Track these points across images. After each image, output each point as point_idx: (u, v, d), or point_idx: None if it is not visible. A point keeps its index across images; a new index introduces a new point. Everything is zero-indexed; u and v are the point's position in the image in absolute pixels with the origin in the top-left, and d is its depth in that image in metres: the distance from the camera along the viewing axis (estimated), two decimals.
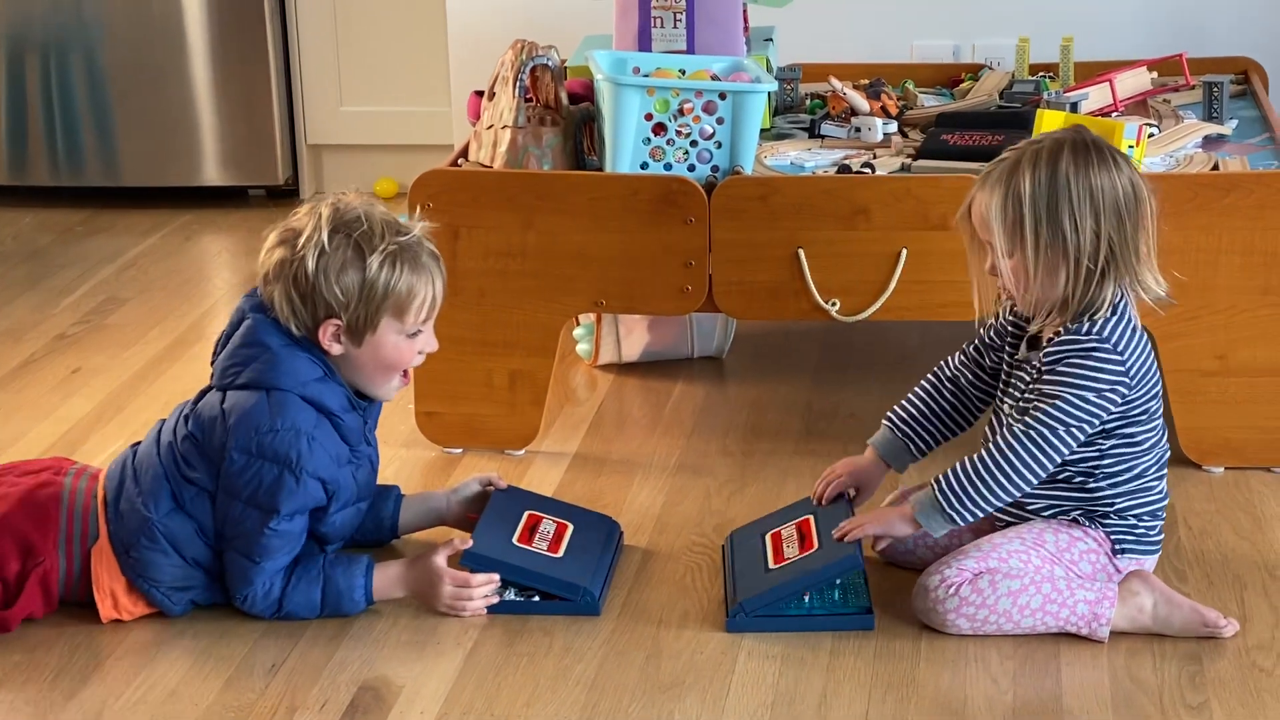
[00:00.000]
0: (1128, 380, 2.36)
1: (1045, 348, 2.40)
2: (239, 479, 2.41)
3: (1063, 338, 2.38)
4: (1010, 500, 2.39)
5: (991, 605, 2.35)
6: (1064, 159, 2.35)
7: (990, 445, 2.39)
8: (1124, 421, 2.39)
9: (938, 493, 2.39)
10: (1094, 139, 2.39)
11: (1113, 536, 2.43)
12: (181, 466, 2.44)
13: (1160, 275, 2.41)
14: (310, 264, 2.41)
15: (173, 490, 2.44)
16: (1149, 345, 2.43)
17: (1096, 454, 2.40)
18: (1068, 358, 2.36)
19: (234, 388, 2.44)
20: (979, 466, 2.37)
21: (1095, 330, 2.36)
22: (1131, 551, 2.43)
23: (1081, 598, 2.36)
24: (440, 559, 2.49)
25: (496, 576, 2.49)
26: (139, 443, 2.54)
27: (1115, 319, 2.38)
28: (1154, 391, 2.42)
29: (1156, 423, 2.43)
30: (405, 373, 2.53)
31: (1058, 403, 2.35)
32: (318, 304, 2.42)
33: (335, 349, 2.45)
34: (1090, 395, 2.35)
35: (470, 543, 2.50)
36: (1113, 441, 2.40)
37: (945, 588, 2.37)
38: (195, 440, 2.44)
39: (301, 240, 2.43)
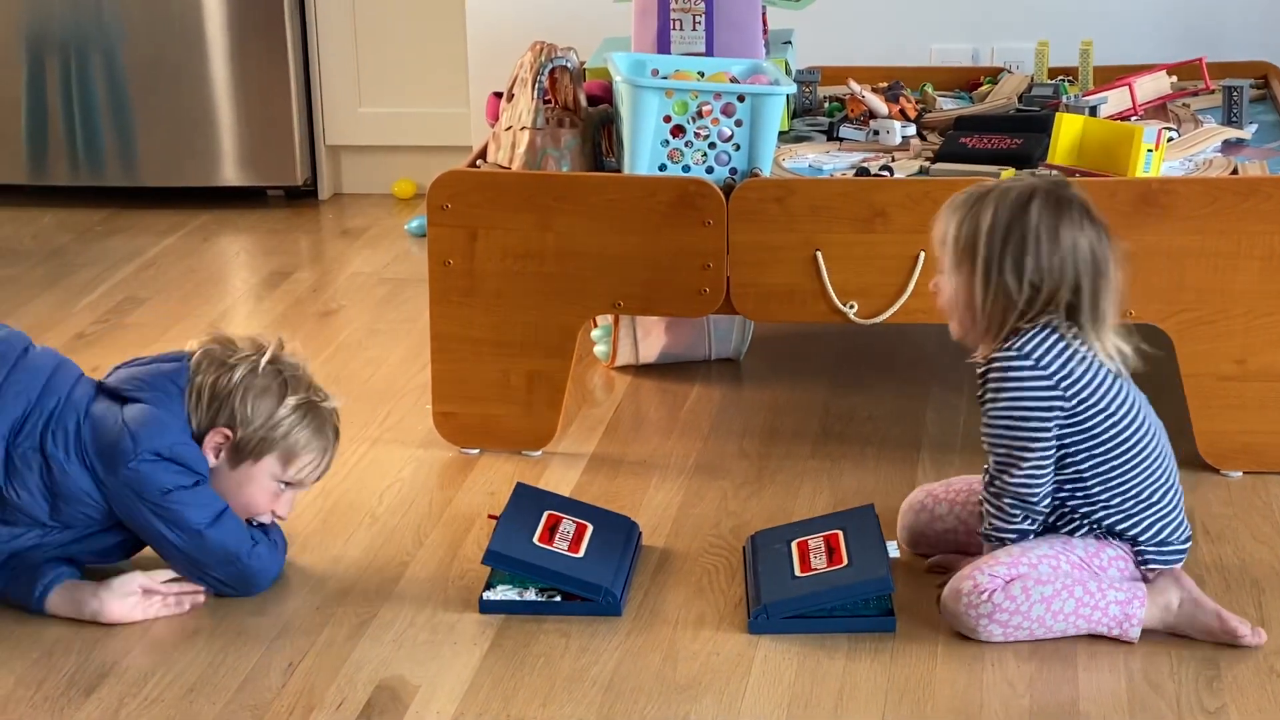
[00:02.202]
0: (1061, 394, 2.34)
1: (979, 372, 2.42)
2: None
3: (988, 359, 2.39)
4: (1028, 526, 2.41)
5: (1025, 611, 2.34)
6: (1034, 204, 2.34)
7: (986, 508, 2.45)
8: (1088, 444, 2.37)
9: (982, 535, 2.46)
10: (1071, 195, 2.37)
11: (1135, 549, 2.42)
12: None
13: (1124, 345, 2.37)
14: (238, 374, 2.51)
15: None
16: (1096, 367, 2.36)
17: (1076, 476, 2.39)
18: (990, 381, 2.38)
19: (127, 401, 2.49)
20: (985, 508, 2.43)
21: (1015, 346, 2.35)
22: (1154, 562, 2.42)
23: (1113, 599, 2.36)
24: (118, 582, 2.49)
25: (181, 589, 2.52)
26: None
27: (1038, 334, 2.35)
28: (1117, 411, 2.37)
29: (1135, 442, 2.38)
30: (254, 523, 2.55)
31: (992, 433, 2.38)
32: (221, 411, 2.49)
33: (210, 460, 2.50)
34: (1017, 415, 2.35)
35: None
36: (1087, 466, 2.38)
37: (978, 593, 2.35)
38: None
39: (239, 354, 2.53)
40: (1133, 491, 2.40)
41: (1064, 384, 2.35)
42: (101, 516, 2.47)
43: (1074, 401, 2.35)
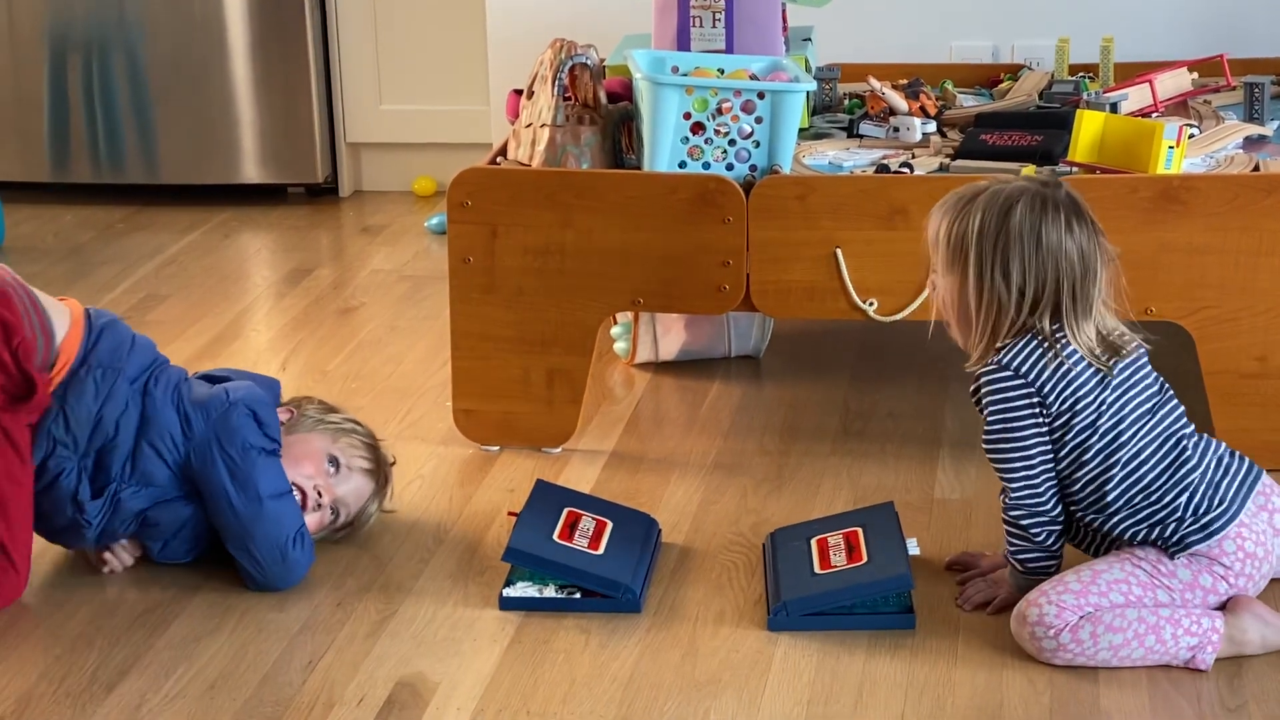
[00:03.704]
0: (1041, 400, 2.34)
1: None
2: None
3: (977, 377, 2.40)
4: (1048, 544, 2.40)
5: (1090, 655, 2.31)
6: (1019, 207, 2.34)
7: (1004, 520, 2.43)
8: (1073, 454, 2.35)
9: (1013, 567, 2.44)
10: (1058, 196, 2.35)
11: (1175, 536, 2.34)
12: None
13: (1097, 349, 2.34)
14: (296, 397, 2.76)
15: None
16: (1078, 376, 2.34)
17: (1070, 483, 2.37)
18: (981, 396, 2.39)
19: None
20: (1017, 541, 2.42)
21: (999, 360, 2.36)
22: (1193, 540, 2.34)
23: (1186, 644, 2.30)
24: None
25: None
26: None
27: (1022, 346, 2.35)
28: (1103, 414, 2.34)
29: (1120, 446, 2.35)
30: (298, 492, 2.61)
31: (989, 448, 2.38)
32: (288, 402, 2.73)
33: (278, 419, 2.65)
34: (1005, 433, 2.36)
35: None
36: (1091, 467, 2.36)
37: (1044, 628, 2.30)
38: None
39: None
40: (1144, 481, 2.36)
41: (1047, 391, 2.34)
42: (175, 470, 2.55)
43: (1056, 407, 2.34)
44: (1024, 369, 2.35)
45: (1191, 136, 3.06)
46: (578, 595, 2.51)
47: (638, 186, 2.88)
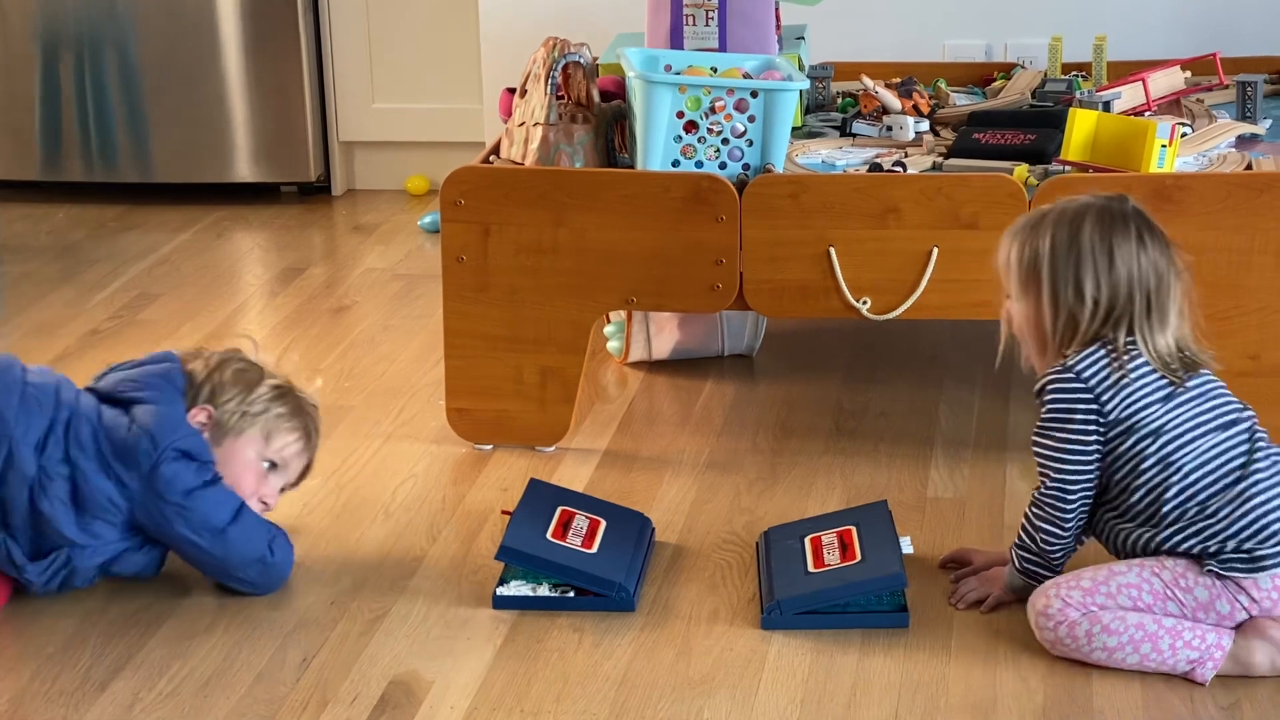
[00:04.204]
0: (1099, 409, 2.33)
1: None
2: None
3: (1040, 376, 2.40)
4: (1051, 554, 2.40)
5: (1086, 654, 2.31)
6: (1088, 222, 2.35)
7: (1026, 513, 2.43)
8: (1128, 464, 2.34)
9: (1014, 564, 2.44)
10: (1126, 209, 2.37)
11: (1219, 557, 2.32)
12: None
13: (1172, 363, 2.34)
14: (211, 363, 2.59)
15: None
16: (1143, 388, 2.33)
17: (1151, 488, 2.35)
18: (1042, 395, 2.38)
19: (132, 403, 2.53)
20: (1024, 537, 2.42)
21: (1064, 363, 2.36)
22: (1235, 567, 2.30)
23: (1185, 657, 2.29)
24: None
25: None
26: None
27: (1090, 353, 2.35)
28: (1166, 424, 2.33)
29: (1204, 451, 2.33)
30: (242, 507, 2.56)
31: (1038, 455, 2.38)
32: (201, 391, 2.56)
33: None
34: (1061, 438, 2.35)
35: None
36: (1149, 476, 2.34)
37: (1047, 619, 2.32)
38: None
39: (211, 352, 2.63)
40: (1193, 486, 2.33)
41: (1106, 398, 2.33)
42: (123, 526, 2.48)
43: (1114, 415, 2.33)
44: (1087, 374, 2.34)
45: (1184, 135, 3.06)
46: (571, 594, 2.51)
47: (631, 185, 2.88)
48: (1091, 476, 2.37)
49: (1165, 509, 2.33)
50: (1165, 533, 2.33)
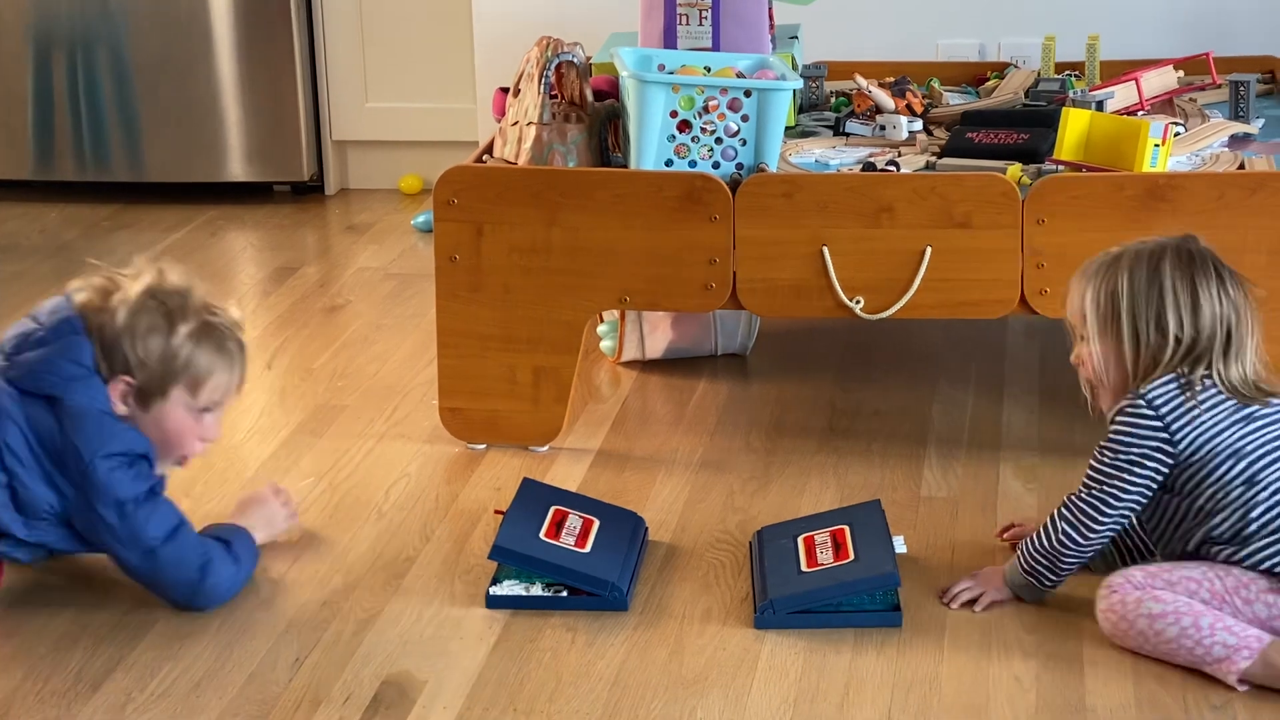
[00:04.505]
0: (1168, 439, 2.33)
1: None
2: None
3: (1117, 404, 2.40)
4: (1073, 562, 2.40)
5: (1131, 621, 2.31)
6: (1167, 262, 2.37)
7: (1053, 512, 2.42)
8: (1220, 482, 2.34)
9: (1020, 559, 2.44)
10: (1201, 249, 2.39)
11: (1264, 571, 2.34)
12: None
13: (1247, 392, 2.36)
14: (119, 319, 2.44)
15: None
16: (1223, 407, 2.34)
17: (1238, 505, 2.34)
18: (1112, 421, 2.38)
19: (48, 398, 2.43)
20: (1042, 534, 2.41)
21: (1138, 389, 2.36)
22: None
23: (1221, 640, 2.27)
24: (263, 490, 2.69)
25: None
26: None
27: (1163, 380, 2.35)
28: (1249, 443, 2.33)
29: (1251, 479, 2.33)
30: (183, 458, 2.53)
31: (1092, 465, 2.38)
32: (116, 359, 2.44)
33: (120, 409, 2.46)
34: (1119, 457, 2.35)
35: None
36: (1235, 494, 2.34)
37: (1106, 588, 2.34)
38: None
39: (118, 295, 2.47)
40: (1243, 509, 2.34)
41: (1178, 431, 2.33)
42: (62, 526, 2.45)
43: (1185, 448, 2.33)
44: (1159, 402, 2.34)
45: (1177, 135, 3.06)
46: (564, 593, 2.50)
47: (624, 185, 2.88)
48: (1134, 503, 2.37)
49: (1251, 528, 2.33)
50: (1251, 548, 2.33)
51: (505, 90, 3.08)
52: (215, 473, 2.94)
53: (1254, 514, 2.32)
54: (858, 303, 2.88)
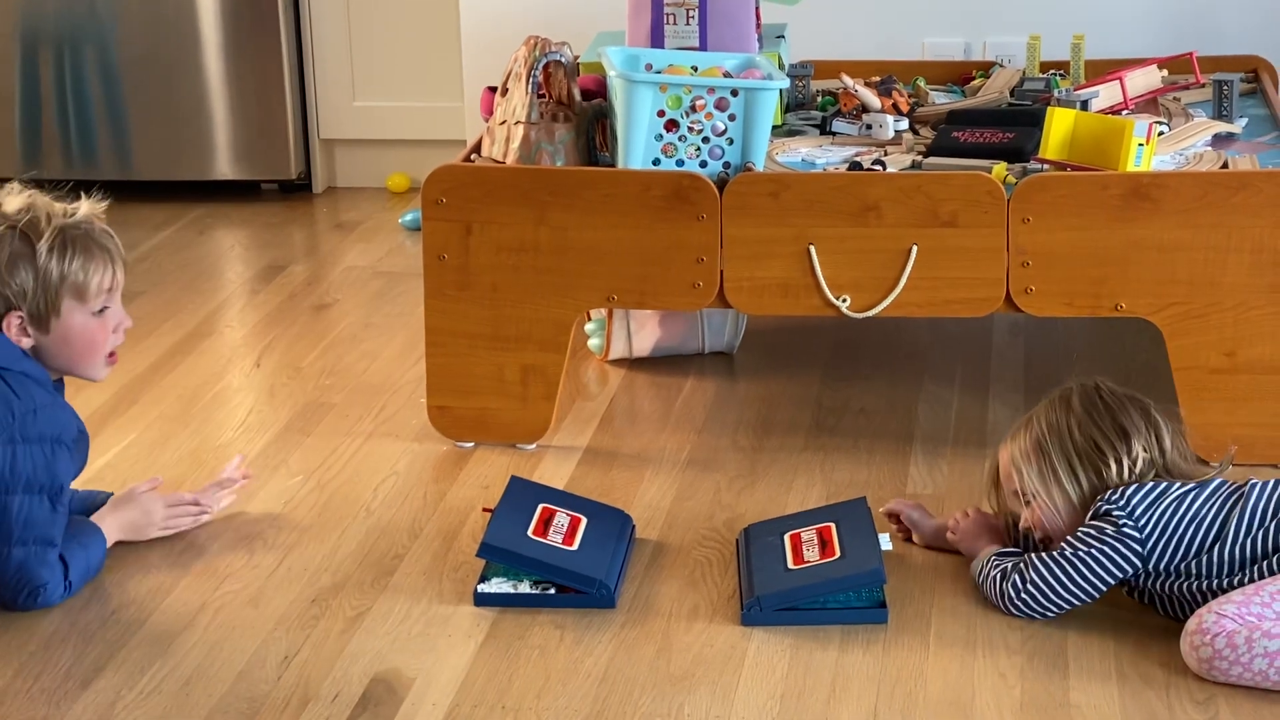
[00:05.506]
0: (1140, 543, 2.35)
1: None
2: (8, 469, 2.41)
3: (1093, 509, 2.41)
4: (1018, 604, 2.42)
5: (1246, 664, 2.26)
6: (1074, 398, 2.44)
7: (1032, 561, 2.42)
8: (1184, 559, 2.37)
9: (983, 571, 2.47)
10: (1104, 382, 2.46)
11: None
12: None
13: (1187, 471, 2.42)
14: None
15: None
16: (1185, 499, 2.37)
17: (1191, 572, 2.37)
18: (1092, 515, 2.40)
19: None
20: (1023, 576, 2.42)
21: (1116, 497, 2.37)
22: None
23: None
24: (140, 486, 2.66)
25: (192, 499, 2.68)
26: None
27: (1140, 487, 2.38)
28: (1207, 534, 2.36)
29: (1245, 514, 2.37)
30: (111, 354, 2.53)
31: (1065, 551, 2.39)
32: None
33: (25, 341, 2.47)
34: (1092, 561, 2.37)
35: None
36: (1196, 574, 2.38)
37: (1202, 635, 2.28)
38: None
39: None
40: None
41: (1150, 534, 2.36)
42: None
43: (1156, 547, 2.36)
44: (1139, 514, 2.36)
45: (1161, 134, 3.08)
46: (552, 591, 2.51)
47: (612, 184, 2.89)
48: (1097, 590, 2.39)
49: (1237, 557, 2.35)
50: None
51: (493, 89, 3.09)
52: (205, 471, 2.95)
53: (1231, 549, 2.35)
54: (844, 301, 2.89)
